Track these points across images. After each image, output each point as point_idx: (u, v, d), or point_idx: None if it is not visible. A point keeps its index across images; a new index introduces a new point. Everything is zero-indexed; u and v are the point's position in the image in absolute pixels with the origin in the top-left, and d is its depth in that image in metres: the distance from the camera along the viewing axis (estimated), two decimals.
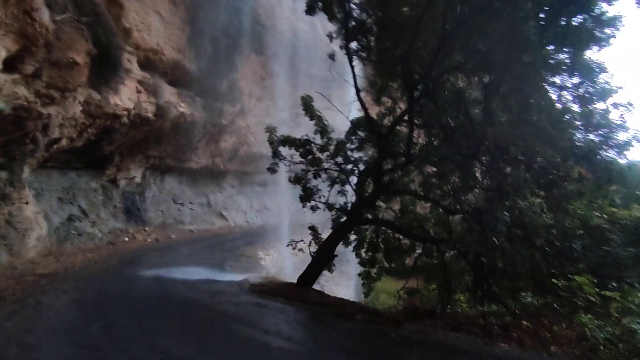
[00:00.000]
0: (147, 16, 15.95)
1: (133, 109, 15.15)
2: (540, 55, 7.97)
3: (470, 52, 8.47)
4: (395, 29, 8.72)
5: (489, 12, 7.16)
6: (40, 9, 9.26)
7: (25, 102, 10.59)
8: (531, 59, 7.67)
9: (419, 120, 10.43)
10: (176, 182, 21.18)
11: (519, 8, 7.71)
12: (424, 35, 8.54)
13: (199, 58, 18.15)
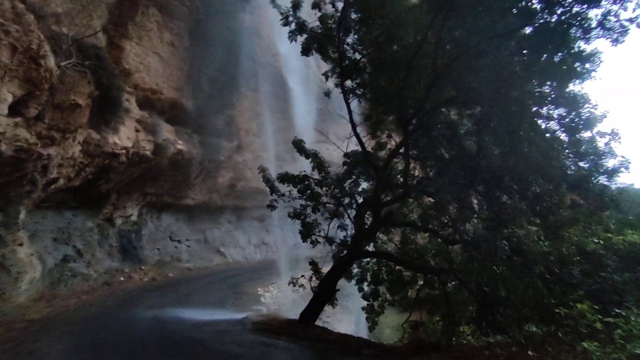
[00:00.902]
0: (147, 57, 16.48)
1: (131, 148, 15.33)
2: (526, 90, 8.41)
3: (461, 88, 8.88)
4: (388, 68, 9.14)
5: (476, 52, 7.59)
6: (47, 56, 9.58)
7: (26, 144, 10.70)
8: (518, 93, 8.07)
9: (415, 152, 10.74)
10: (173, 219, 21.07)
11: (504, 47, 8.22)
12: (416, 72, 8.96)
13: (196, 96, 18.62)
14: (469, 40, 7.68)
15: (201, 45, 18.31)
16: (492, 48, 7.44)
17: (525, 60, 8.32)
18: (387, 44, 8.61)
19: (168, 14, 16.98)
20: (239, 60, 19.75)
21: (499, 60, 7.80)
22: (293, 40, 9.18)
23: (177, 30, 17.57)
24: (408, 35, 8.35)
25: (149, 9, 16.27)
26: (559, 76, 9.34)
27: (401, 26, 8.13)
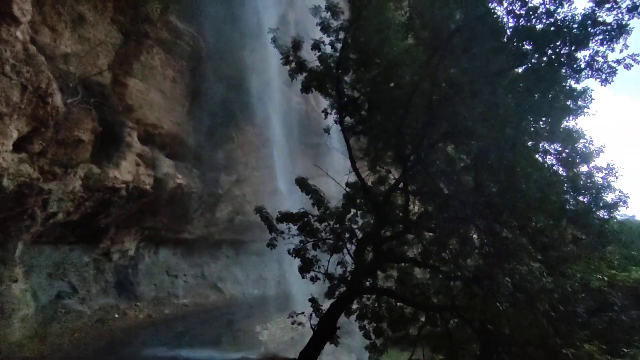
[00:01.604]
0: (150, 93, 16.88)
1: (131, 182, 15.39)
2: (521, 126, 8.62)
3: (457, 125, 9.09)
4: (386, 105, 9.41)
5: (471, 90, 7.85)
6: (54, 94, 9.85)
7: (29, 179, 10.78)
8: (513, 130, 8.27)
9: (413, 187, 10.81)
10: (170, 253, 20.81)
11: (498, 85, 8.50)
12: (414, 110, 9.20)
13: (197, 130, 18.91)
14: (463, 79, 7.96)
15: (202, 81, 18.82)
16: (486, 87, 7.70)
17: (519, 98, 8.58)
18: (384, 83, 8.91)
19: (172, 52, 17.55)
20: (239, 95, 20.21)
21: (494, 98, 8.05)
22: (294, 79, 9.48)
23: (179, 68, 18.11)
24: (405, 74, 8.65)
25: (154, 48, 16.84)
26: (553, 113, 9.63)
27: (398, 66, 8.45)
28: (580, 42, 7.67)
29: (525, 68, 8.34)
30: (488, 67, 7.58)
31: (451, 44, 7.35)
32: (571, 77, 8.37)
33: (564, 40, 7.71)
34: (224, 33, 19.48)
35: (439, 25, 7.63)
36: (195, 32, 17.89)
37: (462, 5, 7.64)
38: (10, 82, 8.12)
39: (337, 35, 9.25)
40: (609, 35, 7.87)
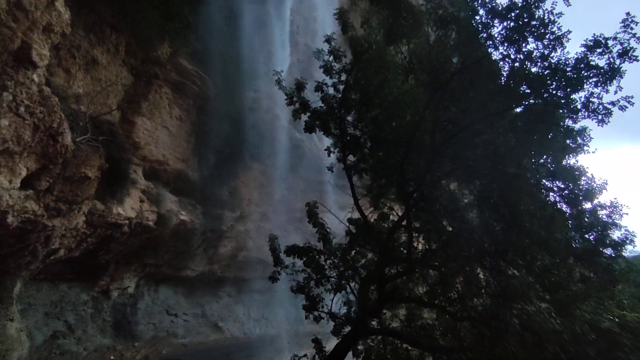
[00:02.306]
0: (156, 131, 17.30)
1: (135, 218, 15.42)
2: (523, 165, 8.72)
3: (458, 163, 9.22)
4: (387, 144, 9.59)
5: (472, 130, 8.02)
6: (64, 133, 10.11)
7: (33, 215, 10.83)
8: (515, 168, 8.36)
9: (417, 224, 10.78)
10: (171, 291, 20.43)
11: (497, 125, 8.70)
12: (415, 148, 9.36)
13: (201, 167, 19.17)
14: (463, 119, 8.17)
15: (208, 119, 19.31)
16: (486, 127, 7.87)
17: (519, 137, 8.74)
18: (386, 122, 9.13)
19: (179, 91, 18.17)
20: (244, 133, 20.67)
21: (494, 137, 8.21)
22: (297, 119, 9.74)
23: (186, 106, 18.67)
24: (406, 114, 8.89)
25: (162, 88, 17.46)
26: (553, 151, 9.77)
27: (399, 106, 8.70)
28: (574, 85, 7.92)
29: (524, 108, 8.58)
30: (487, 108, 7.80)
31: (450, 86, 7.62)
32: (568, 117, 8.58)
33: (559, 83, 7.97)
34: (230, 73, 20.24)
35: (438, 69, 7.94)
36: (203, 72, 18.60)
37: (459, 50, 8.01)
38: (24, 122, 8.37)
39: (339, 77, 9.60)
40: (603, 78, 8.13)
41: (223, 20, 19.57)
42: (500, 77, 8.43)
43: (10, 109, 8.06)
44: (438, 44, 8.27)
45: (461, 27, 8.05)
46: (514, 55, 8.16)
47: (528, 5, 7.65)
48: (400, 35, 8.44)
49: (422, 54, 8.60)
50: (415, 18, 8.41)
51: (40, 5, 7.60)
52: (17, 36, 7.29)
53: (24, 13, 7.18)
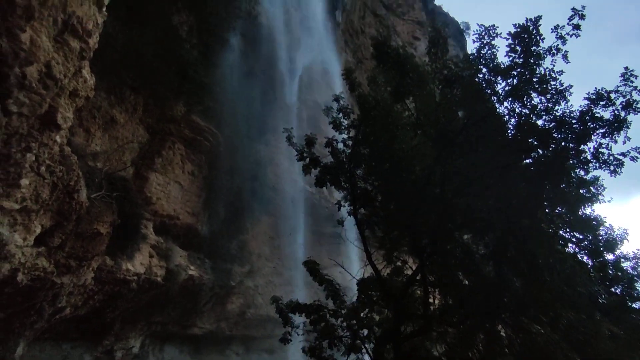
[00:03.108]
0: (168, 186, 17.61)
1: (143, 274, 15.23)
2: (537, 217, 8.57)
3: (471, 215, 9.10)
4: (398, 197, 9.58)
5: (482, 183, 8.02)
6: (81, 190, 10.33)
7: (43, 273, 10.77)
8: (529, 221, 8.22)
9: (432, 278, 10.43)
10: (177, 351, 19.57)
11: (508, 177, 8.69)
12: (427, 201, 9.32)
13: (211, 221, 19.21)
14: (473, 172, 8.20)
15: (219, 173, 19.70)
16: (496, 179, 7.87)
17: (531, 189, 8.69)
18: (396, 176, 9.20)
19: (192, 147, 18.74)
20: (255, 186, 20.93)
21: (505, 189, 8.18)
22: (308, 174, 9.89)
23: (198, 161, 19.15)
24: (415, 168, 8.97)
25: (176, 144, 18.06)
26: (567, 201, 9.64)
27: (408, 161, 8.81)
28: (582, 137, 8.02)
29: (533, 160, 8.63)
30: (496, 161, 7.86)
31: (458, 141, 7.76)
32: (579, 168, 8.58)
33: (566, 135, 8.07)
34: (241, 128, 20.97)
35: (445, 125, 8.15)
36: (215, 128, 19.31)
37: (465, 106, 8.26)
38: (44, 181, 8.61)
39: (348, 132, 9.87)
40: (610, 129, 8.24)
41: (236, 79, 20.69)
42: (507, 130, 8.59)
43: (32, 168, 8.33)
44: (444, 101, 8.57)
45: (466, 85, 8.38)
46: (519, 109, 8.38)
47: (528, 63, 7.98)
48: (406, 93, 8.78)
49: (429, 110, 8.88)
50: (421, 77, 8.80)
51: (68, 73, 8.13)
52: (45, 102, 7.72)
53: (54, 81, 7.66)
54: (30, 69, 6.88)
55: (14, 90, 6.63)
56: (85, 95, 9.59)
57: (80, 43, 8.28)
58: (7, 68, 6.20)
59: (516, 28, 7.96)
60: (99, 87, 13.52)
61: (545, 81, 8.08)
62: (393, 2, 38.26)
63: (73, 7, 7.66)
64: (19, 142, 7.79)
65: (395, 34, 36.87)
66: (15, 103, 6.97)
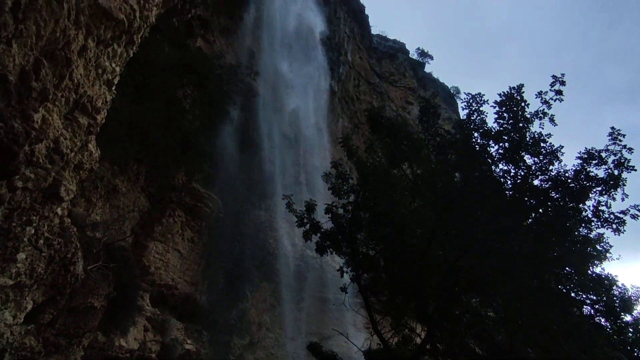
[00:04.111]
0: (167, 254, 17.31)
1: (137, 350, 14.40)
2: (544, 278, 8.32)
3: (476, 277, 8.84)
4: (401, 261, 9.38)
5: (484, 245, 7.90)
6: (77, 262, 10.14)
7: (30, 353, 10.16)
8: (537, 283, 7.97)
9: (442, 346, 9.85)
10: None
11: (510, 238, 8.60)
12: (430, 264, 9.12)
13: (210, 289, 18.62)
14: (474, 234, 8.13)
15: (219, 239, 19.48)
16: (498, 241, 7.78)
17: (535, 249, 8.55)
18: (397, 240, 9.10)
19: (192, 214, 18.74)
20: (254, 252, 20.59)
21: (509, 250, 8.04)
22: (308, 240, 9.79)
23: (198, 228, 19.03)
24: (416, 232, 8.91)
25: (176, 212, 18.09)
26: (574, 261, 9.41)
27: (409, 224, 8.77)
28: (580, 196, 8.09)
29: (534, 220, 8.60)
30: (496, 223, 7.83)
31: (458, 204, 7.80)
32: (581, 226, 8.53)
33: (563, 194, 8.15)
34: (241, 194, 21.17)
35: (443, 189, 8.26)
36: (215, 194, 19.48)
37: (460, 169, 8.43)
38: (40, 254, 8.47)
39: (347, 197, 9.95)
40: (606, 187, 8.34)
41: (236, 147, 21.34)
42: (505, 191, 8.68)
43: (30, 242, 8.25)
44: (440, 165, 8.77)
45: (459, 149, 8.64)
46: (514, 170, 8.55)
47: (518, 128, 8.31)
48: (402, 158, 9.02)
49: (426, 174, 9.05)
50: (415, 144, 9.11)
51: (75, 148, 8.39)
52: (50, 176, 7.87)
53: (60, 156, 7.88)
54: (39, 146, 7.10)
55: (21, 167, 6.78)
56: (90, 168, 9.81)
57: (89, 119, 8.66)
58: (17, 147, 6.41)
59: (501, 96, 8.45)
60: (103, 158, 13.85)
61: (536, 143, 8.35)
62: (385, 71, 40.82)
63: (85, 88, 8.13)
64: (20, 216, 7.80)
65: (389, 99, 38.83)
66: (21, 179, 7.09)
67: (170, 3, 10.95)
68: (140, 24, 8.99)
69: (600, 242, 9.59)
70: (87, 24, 7.56)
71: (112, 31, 8.36)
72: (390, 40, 44.67)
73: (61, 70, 7.12)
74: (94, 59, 8.16)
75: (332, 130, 28.88)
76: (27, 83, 6.31)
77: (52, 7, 6.43)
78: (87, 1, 7.40)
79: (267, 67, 25.25)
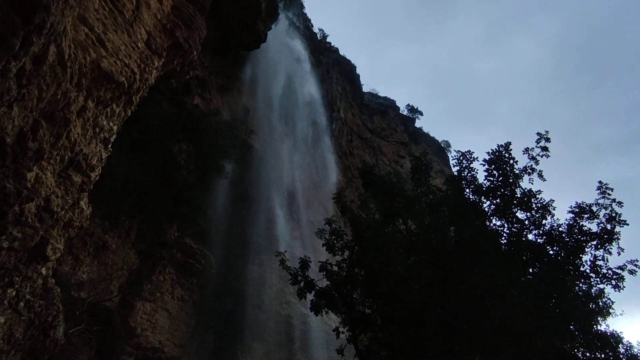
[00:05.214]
0: (155, 314, 16.52)
1: None
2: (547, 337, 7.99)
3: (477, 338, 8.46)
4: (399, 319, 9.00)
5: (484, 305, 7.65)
6: (58, 326, 9.60)
7: None
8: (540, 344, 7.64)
9: None
10: None
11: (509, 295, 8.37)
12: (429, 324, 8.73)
13: (200, 352, 17.61)
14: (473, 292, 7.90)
15: (210, 296, 18.77)
16: (498, 300, 7.56)
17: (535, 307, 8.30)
18: (394, 299, 8.81)
19: (183, 270, 18.19)
20: (247, 309, 19.76)
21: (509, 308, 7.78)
22: (302, 298, 9.45)
23: (189, 285, 18.37)
24: (413, 290, 8.66)
25: (167, 268, 17.56)
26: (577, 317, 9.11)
27: (406, 282, 8.55)
28: (575, 250, 8.04)
29: (532, 276, 8.46)
30: (494, 280, 7.68)
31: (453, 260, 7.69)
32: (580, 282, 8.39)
33: (559, 249, 8.10)
34: (233, 249, 20.76)
35: (437, 247, 8.19)
36: (207, 250, 19.06)
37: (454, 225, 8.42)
38: (19, 318, 8.04)
39: (342, 253, 9.77)
40: (601, 241, 8.33)
41: (229, 202, 21.29)
42: (500, 247, 8.62)
43: (10, 305, 7.86)
44: (434, 221, 8.77)
45: (452, 206, 8.70)
46: (508, 226, 8.56)
47: (508, 184, 8.46)
48: (396, 215, 9.03)
49: (420, 230, 9.01)
50: (408, 200, 9.17)
51: (66, 206, 8.29)
52: (38, 234, 7.69)
53: (50, 214, 7.76)
54: (29, 205, 7.02)
55: (9, 227, 6.64)
56: (79, 226, 9.64)
57: (83, 177, 8.65)
58: (7, 207, 6.33)
59: (490, 155, 8.72)
60: (94, 214, 13.66)
61: (527, 199, 8.46)
62: (377, 126, 42.22)
63: (81, 146, 8.21)
64: (3, 277, 7.50)
65: (381, 153, 39.77)
66: (8, 239, 6.91)
67: (169, 66, 11.49)
68: (139, 85, 9.33)
69: (601, 298, 9.37)
70: (88, 86, 7.83)
71: (112, 92, 8.65)
72: (381, 97, 46.78)
73: (59, 130, 7.24)
74: (92, 119, 8.34)
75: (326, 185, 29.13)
76: (23, 143, 6.38)
77: (56, 72, 6.69)
78: (90, 65, 7.74)
79: (261, 123, 26.05)
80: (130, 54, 8.95)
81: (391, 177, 9.84)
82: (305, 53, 33.07)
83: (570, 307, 8.70)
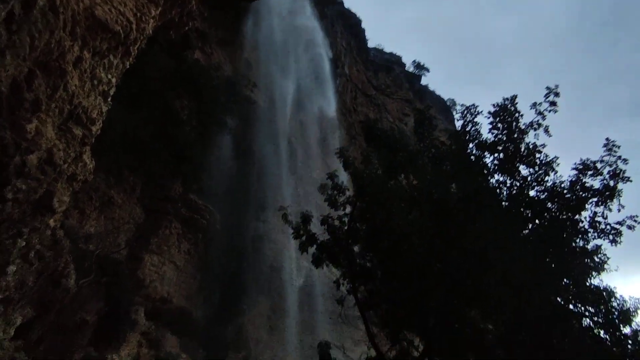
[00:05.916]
0: (163, 266, 17.05)
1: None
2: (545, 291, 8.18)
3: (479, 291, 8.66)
4: (400, 273, 9.21)
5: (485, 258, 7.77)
6: (68, 276, 9.97)
7: None
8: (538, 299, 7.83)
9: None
10: None
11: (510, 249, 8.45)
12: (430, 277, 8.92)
13: (207, 304, 18.31)
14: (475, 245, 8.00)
15: (216, 252, 19.24)
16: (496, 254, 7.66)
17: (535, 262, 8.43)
18: (395, 253, 8.96)
19: (188, 226, 18.54)
20: (252, 265, 20.33)
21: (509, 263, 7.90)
22: (304, 252, 9.65)
23: (194, 240, 18.81)
24: (415, 243, 8.78)
25: (172, 223, 17.90)
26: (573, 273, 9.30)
27: (407, 236, 8.65)
28: (576, 207, 8.04)
29: (530, 232, 8.53)
30: (495, 234, 7.74)
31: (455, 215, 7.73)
32: (578, 238, 8.47)
33: (559, 205, 8.10)
34: (238, 206, 20.99)
35: (440, 200, 8.19)
36: (212, 206, 19.30)
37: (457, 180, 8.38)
38: (30, 267, 8.33)
39: (344, 209, 9.85)
40: (602, 198, 8.31)
41: (233, 158, 21.26)
42: (501, 202, 8.63)
43: (20, 254, 8.11)
44: (436, 176, 8.73)
45: (455, 160, 8.62)
46: (510, 181, 8.51)
47: (512, 138, 8.31)
48: (399, 170, 8.97)
49: (423, 185, 8.99)
50: (411, 155, 9.08)
51: (68, 159, 8.29)
52: (42, 187, 7.76)
53: (53, 167, 7.78)
54: (31, 157, 7.01)
55: (12, 179, 6.68)
56: (84, 179, 9.70)
57: (84, 130, 8.59)
58: (7, 158, 6.33)
59: (495, 107, 8.49)
60: (98, 169, 13.73)
61: (531, 154, 8.35)
62: (382, 83, 41.10)
63: (80, 99, 8.08)
64: (11, 228, 7.67)
65: (386, 111, 39.02)
66: (12, 190, 6.98)
67: (167, 16, 11.00)
68: (136, 36, 8.98)
69: (597, 254, 9.50)
70: (82, 35, 7.55)
71: (108, 43, 8.34)
72: (386, 53, 45.08)
73: (55, 81, 7.07)
74: (89, 70, 8.12)
75: (330, 141, 28.88)
76: (19, 94, 6.26)
77: (47, 18, 6.41)
78: (84, 13, 7.41)
79: (265, 78, 25.39)
80: (125, 1, 8.54)
81: (394, 133, 9.67)
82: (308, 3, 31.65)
83: (567, 262, 8.85)
